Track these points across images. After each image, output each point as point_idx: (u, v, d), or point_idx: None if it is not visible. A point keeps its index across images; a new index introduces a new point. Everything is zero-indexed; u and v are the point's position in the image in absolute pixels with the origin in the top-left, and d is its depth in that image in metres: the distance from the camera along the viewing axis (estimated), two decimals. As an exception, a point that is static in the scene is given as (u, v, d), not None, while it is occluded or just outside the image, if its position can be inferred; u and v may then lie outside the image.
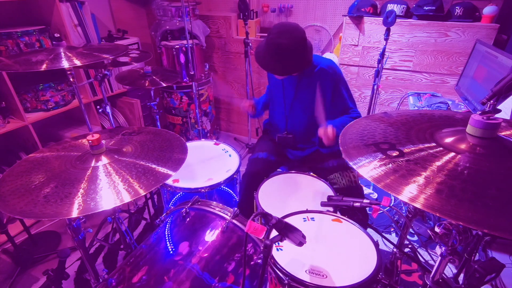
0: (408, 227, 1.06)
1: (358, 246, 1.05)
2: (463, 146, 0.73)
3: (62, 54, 1.36)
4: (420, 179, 0.66)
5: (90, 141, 0.98)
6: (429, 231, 0.82)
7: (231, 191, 1.67)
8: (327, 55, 2.54)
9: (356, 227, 1.14)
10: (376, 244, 1.05)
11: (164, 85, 1.82)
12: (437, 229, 0.73)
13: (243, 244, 0.90)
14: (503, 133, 0.78)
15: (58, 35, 1.58)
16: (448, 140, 0.77)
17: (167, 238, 1.18)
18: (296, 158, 1.70)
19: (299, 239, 0.81)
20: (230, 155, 1.69)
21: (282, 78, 1.51)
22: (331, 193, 1.39)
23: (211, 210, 1.23)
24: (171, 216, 1.30)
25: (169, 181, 1.46)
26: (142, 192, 0.86)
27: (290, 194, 1.40)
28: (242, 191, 1.62)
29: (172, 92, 2.77)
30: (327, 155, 1.60)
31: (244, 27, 2.51)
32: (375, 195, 2.31)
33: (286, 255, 1.00)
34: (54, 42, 1.46)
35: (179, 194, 1.61)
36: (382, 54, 1.93)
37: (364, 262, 0.98)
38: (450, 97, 2.19)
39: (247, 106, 1.69)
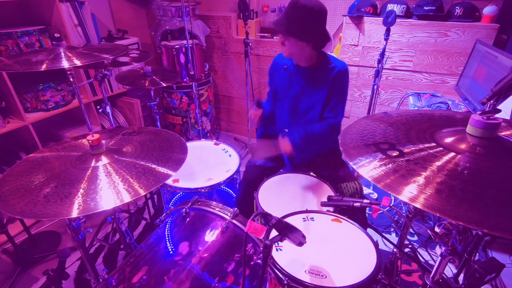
0: (408, 227, 1.06)
1: (358, 246, 1.05)
2: (463, 146, 0.73)
3: (62, 54, 1.36)
4: (420, 179, 0.66)
5: (90, 141, 0.98)
6: (429, 231, 0.82)
7: (231, 191, 1.67)
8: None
9: (356, 227, 1.14)
10: (376, 244, 1.05)
11: (164, 85, 1.82)
12: (437, 229, 0.73)
13: (243, 244, 0.90)
14: (503, 133, 0.78)
15: (58, 35, 1.59)
16: (448, 140, 0.77)
17: (167, 238, 1.18)
18: (299, 162, 1.69)
19: (299, 239, 0.81)
20: (230, 155, 1.69)
21: (287, 55, 1.46)
22: (331, 193, 1.39)
23: (211, 210, 1.23)
24: (171, 216, 1.30)
25: (169, 181, 1.46)
26: (142, 192, 0.86)
27: (290, 194, 1.40)
28: (239, 196, 1.62)
29: (172, 92, 2.77)
30: (332, 162, 1.57)
31: (244, 27, 2.51)
32: (375, 195, 2.31)
33: (285, 255, 1.00)
34: (54, 42, 1.47)
35: (179, 194, 1.61)
36: (382, 54, 1.93)
37: (364, 262, 0.98)
38: (450, 97, 2.19)
39: (254, 117, 1.63)
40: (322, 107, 1.53)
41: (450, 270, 1.71)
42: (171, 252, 1.13)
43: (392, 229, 2.03)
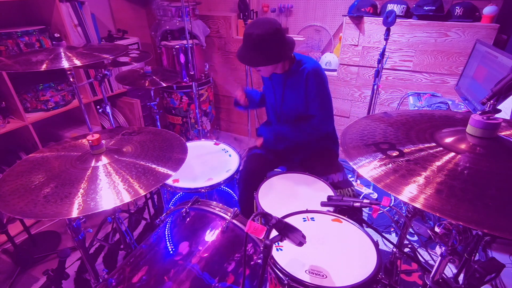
0: (408, 227, 1.05)
1: (358, 246, 1.05)
2: (463, 146, 0.73)
3: (62, 54, 1.36)
4: (420, 179, 0.66)
5: (90, 141, 0.98)
6: (429, 231, 0.82)
7: (231, 191, 1.67)
8: (327, 55, 2.55)
9: (356, 227, 1.14)
10: (376, 244, 1.05)
11: (164, 85, 1.82)
12: (437, 229, 0.73)
13: (243, 244, 0.90)
14: (503, 133, 0.78)
15: (58, 35, 1.58)
16: (448, 140, 0.77)
17: (167, 238, 1.18)
18: (292, 160, 1.71)
19: (299, 239, 0.81)
20: (230, 155, 1.69)
21: (268, 75, 1.55)
22: (331, 193, 1.39)
23: (211, 210, 1.23)
24: (171, 216, 1.30)
25: (169, 181, 1.46)
26: (142, 192, 0.86)
27: (290, 194, 1.40)
28: (241, 188, 1.62)
29: (172, 92, 2.77)
30: (327, 167, 1.58)
31: (244, 27, 2.51)
32: (375, 195, 2.31)
33: (286, 255, 1.00)
34: (54, 42, 1.46)
35: (179, 194, 1.61)
36: (382, 54, 1.93)
37: (364, 262, 0.98)
38: (450, 97, 2.19)
39: (239, 96, 1.68)
40: (304, 109, 1.56)
41: (450, 270, 1.71)
42: (171, 252, 1.13)
43: (392, 229, 2.03)
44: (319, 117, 1.54)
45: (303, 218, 1.18)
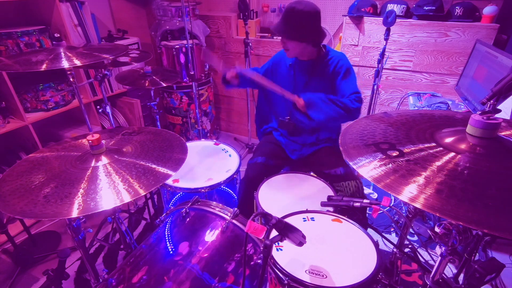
0: (408, 227, 1.05)
1: (358, 246, 1.05)
2: (463, 146, 0.73)
3: (62, 54, 1.36)
4: (420, 179, 0.66)
5: (90, 141, 0.98)
6: (429, 231, 0.82)
7: (231, 191, 1.67)
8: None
9: (356, 227, 1.14)
10: (376, 244, 1.05)
11: (164, 85, 1.82)
12: (437, 229, 0.73)
13: (243, 244, 0.90)
14: (503, 133, 0.78)
15: (58, 35, 1.58)
16: (448, 140, 0.77)
17: (167, 238, 1.18)
18: (298, 157, 1.69)
19: (299, 239, 0.81)
20: (230, 155, 1.69)
21: (292, 56, 1.53)
22: (331, 193, 1.39)
23: (211, 210, 1.23)
24: (171, 216, 1.30)
25: (169, 181, 1.46)
26: (142, 192, 0.86)
27: (290, 194, 1.40)
28: (241, 195, 1.61)
29: (172, 92, 2.77)
30: (333, 160, 1.57)
31: (244, 27, 2.51)
32: (375, 195, 2.31)
33: (286, 255, 1.00)
34: (54, 42, 1.47)
35: (179, 194, 1.61)
36: (382, 54, 1.93)
37: (364, 262, 0.98)
38: (450, 97, 2.19)
39: (230, 76, 1.59)
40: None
41: (450, 270, 1.71)
42: (171, 252, 1.13)
43: (392, 229, 2.03)
44: (355, 94, 1.47)
45: (303, 218, 1.18)
